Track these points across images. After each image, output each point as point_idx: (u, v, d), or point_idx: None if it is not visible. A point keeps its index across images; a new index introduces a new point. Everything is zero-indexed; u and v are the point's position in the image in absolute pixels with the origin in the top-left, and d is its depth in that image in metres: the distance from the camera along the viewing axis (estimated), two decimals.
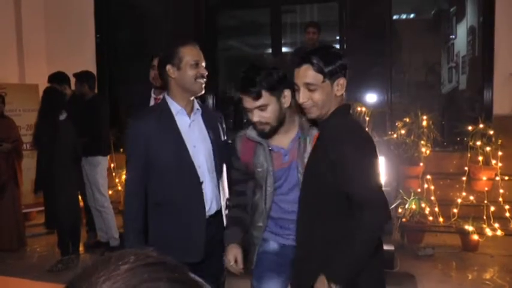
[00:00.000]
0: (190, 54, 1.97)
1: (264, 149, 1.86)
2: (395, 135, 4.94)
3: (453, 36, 7.06)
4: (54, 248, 4.36)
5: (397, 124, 5.09)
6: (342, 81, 1.69)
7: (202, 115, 2.07)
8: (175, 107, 2.00)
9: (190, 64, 1.95)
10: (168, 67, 1.95)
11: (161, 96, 3.41)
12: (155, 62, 3.38)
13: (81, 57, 5.99)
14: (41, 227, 4.97)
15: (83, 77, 4.62)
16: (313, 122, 1.84)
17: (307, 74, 1.68)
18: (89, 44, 6.25)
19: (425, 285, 3.70)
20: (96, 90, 4.99)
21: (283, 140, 1.88)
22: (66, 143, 4.06)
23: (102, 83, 6.11)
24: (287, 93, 1.83)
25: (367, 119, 5.18)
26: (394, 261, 4.01)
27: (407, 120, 4.94)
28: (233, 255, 1.90)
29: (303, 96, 1.70)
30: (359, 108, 5.18)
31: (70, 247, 4.18)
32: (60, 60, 5.71)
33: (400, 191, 4.54)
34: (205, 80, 2.02)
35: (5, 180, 4.51)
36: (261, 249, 1.96)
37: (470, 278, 3.83)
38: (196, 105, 2.07)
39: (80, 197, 4.52)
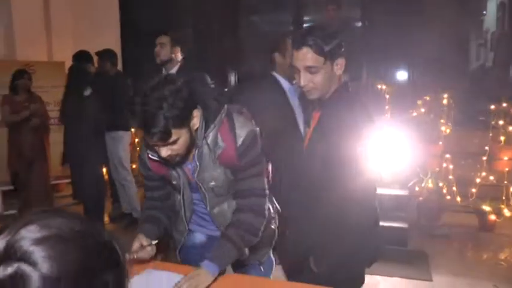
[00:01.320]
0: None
1: None
2: (414, 114, 4.89)
3: (484, 12, 6.83)
4: None
5: (418, 102, 5.03)
6: (341, 60, 1.68)
7: None
8: None
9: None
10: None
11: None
12: (163, 40, 3.59)
13: (106, 35, 6.14)
14: (69, 198, 5.22)
15: (105, 55, 4.77)
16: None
17: (307, 56, 1.65)
18: (113, 23, 6.38)
19: (438, 263, 3.72)
20: (119, 68, 5.12)
21: (190, 156, 1.75)
22: (91, 117, 4.23)
23: (126, 61, 6.26)
24: (196, 113, 1.61)
25: (387, 96, 5.14)
26: (406, 239, 4.04)
27: (428, 98, 4.87)
28: (138, 243, 1.78)
29: (303, 79, 1.68)
30: (379, 86, 5.14)
31: (94, 215, 4.39)
32: (85, 38, 5.85)
33: (418, 169, 4.52)
34: None
35: (34, 153, 4.73)
36: (188, 243, 1.95)
37: (485, 257, 3.82)
38: None
39: (104, 170, 4.72)
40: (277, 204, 2.02)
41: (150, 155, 1.71)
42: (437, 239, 4.20)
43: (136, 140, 5.74)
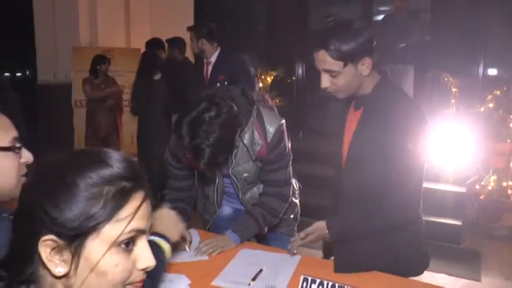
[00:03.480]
0: None
1: None
2: (482, 109, 4.65)
3: None
4: None
5: (488, 97, 4.77)
6: (367, 60, 1.51)
7: None
8: None
9: None
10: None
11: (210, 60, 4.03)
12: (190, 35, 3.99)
13: (180, 24, 6.46)
14: None
15: (173, 42, 5.09)
16: None
17: (325, 60, 1.50)
18: (188, 13, 6.70)
19: (491, 265, 3.56)
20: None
21: None
22: (160, 100, 4.54)
23: None
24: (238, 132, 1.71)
25: (454, 90, 4.94)
26: (460, 236, 3.90)
27: (498, 93, 4.60)
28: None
29: (324, 82, 1.54)
30: (445, 79, 4.95)
31: (158, 195, 4.72)
32: (161, 27, 6.21)
33: (479, 166, 4.32)
34: None
35: (108, 131, 5.18)
36: (217, 215, 2.05)
37: None
38: None
39: None
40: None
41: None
42: (494, 240, 4.01)
43: None
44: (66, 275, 0.72)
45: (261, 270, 1.60)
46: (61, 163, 0.75)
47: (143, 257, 0.76)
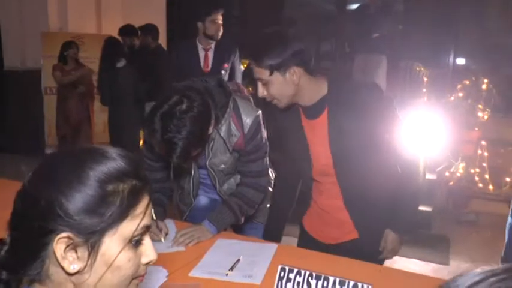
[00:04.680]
0: None
1: None
2: (452, 98, 4.76)
3: None
4: None
5: (458, 87, 4.88)
6: (294, 69, 1.56)
7: None
8: None
9: None
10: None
11: (210, 46, 3.82)
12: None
13: (153, 10, 6.35)
14: None
15: (146, 29, 5.03)
16: None
17: (255, 69, 1.59)
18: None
19: (459, 249, 3.69)
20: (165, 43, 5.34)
21: None
22: (126, 87, 4.45)
23: (171, 36, 6.46)
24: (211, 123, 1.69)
25: (426, 79, 5.03)
26: (430, 222, 4.02)
27: (467, 82, 4.72)
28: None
29: (259, 91, 1.63)
30: (417, 69, 5.04)
31: None
32: (133, 13, 6.09)
33: (449, 154, 4.44)
34: None
35: (79, 118, 5.08)
36: (193, 205, 2.05)
37: None
38: None
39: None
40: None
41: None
42: (463, 225, 4.14)
43: None
44: (78, 272, 0.72)
45: (238, 260, 1.61)
46: (68, 158, 0.76)
47: (148, 252, 0.79)
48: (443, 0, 5.13)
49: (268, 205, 2.13)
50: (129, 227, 0.74)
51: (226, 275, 1.52)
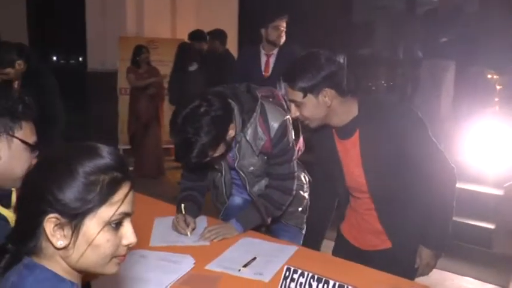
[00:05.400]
0: None
1: None
2: None
3: None
4: None
5: None
6: (327, 92, 1.61)
7: None
8: None
9: None
10: None
11: (273, 52, 3.90)
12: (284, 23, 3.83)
13: (226, 16, 6.60)
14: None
15: (214, 34, 5.23)
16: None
17: (288, 91, 1.65)
18: (233, 4, 6.81)
19: None
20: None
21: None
22: (195, 91, 4.68)
23: (242, 41, 6.66)
24: (231, 127, 1.78)
25: (498, 87, 4.73)
26: (491, 240, 3.77)
27: None
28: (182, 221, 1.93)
29: (293, 111, 1.69)
30: (489, 76, 4.76)
31: None
32: (207, 18, 6.36)
33: None
34: None
35: (149, 118, 5.41)
36: (228, 205, 2.15)
37: None
38: None
39: None
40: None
41: None
42: None
43: None
44: (65, 247, 0.86)
45: (254, 258, 1.68)
46: (64, 155, 0.90)
47: (128, 235, 0.91)
48: None
49: (300, 209, 2.17)
50: (107, 211, 0.87)
51: (239, 270, 1.59)
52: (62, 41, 8.00)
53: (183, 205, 1.97)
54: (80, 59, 7.09)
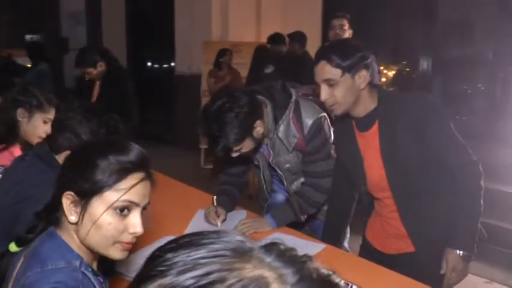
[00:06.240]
0: None
1: None
2: None
3: None
4: None
5: None
6: (363, 73, 1.60)
7: None
8: None
9: None
10: None
11: None
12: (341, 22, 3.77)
13: (310, 19, 6.57)
14: None
15: (294, 37, 5.24)
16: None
17: (324, 69, 1.61)
18: (317, 8, 6.78)
19: None
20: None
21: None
22: None
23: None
24: (259, 124, 1.78)
25: None
26: None
27: None
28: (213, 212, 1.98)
29: (324, 94, 1.63)
30: None
31: None
32: (292, 22, 6.39)
33: None
34: None
35: None
36: (270, 201, 2.17)
37: None
38: None
39: None
40: None
41: None
42: None
43: None
44: (76, 223, 0.98)
45: None
46: (93, 146, 1.05)
47: (133, 224, 0.98)
48: None
49: None
50: (112, 195, 0.96)
51: None
52: (154, 48, 8.58)
53: (215, 197, 2.03)
54: (172, 64, 7.51)
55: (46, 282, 0.91)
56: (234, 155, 1.80)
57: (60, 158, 1.48)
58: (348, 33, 3.76)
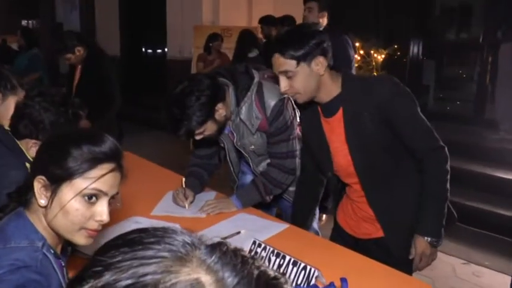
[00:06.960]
0: None
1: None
2: None
3: None
4: None
5: None
6: (320, 59, 1.55)
7: None
8: None
9: None
10: None
11: None
12: (311, 5, 3.68)
13: (301, 4, 6.47)
14: None
15: (283, 20, 5.15)
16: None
17: (279, 62, 1.57)
18: None
19: None
20: None
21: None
22: None
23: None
24: (220, 106, 1.78)
25: None
26: None
27: None
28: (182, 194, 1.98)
29: (283, 85, 1.60)
30: None
31: None
32: (284, 7, 6.31)
33: None
34: None
35: None
36: (239, 182, 2.18)
37: None
38: None
39: None
40: None
41: None
42: None
43: None
44: (45, 207, 1.00)
45: (238, 232, 1.67)
46: (69, 135, 1.07)
47: (99, 212, 1.02)
48: None
49: None
50: (81, 183, 0.98)
51: None
52: (148, 33, 8.56)
53: (183, 179, 2.03)
54: (166, 49, 7.48)
55: (6, 259, 0.95)
56: (197, 137, 1.80)
57: (22, 144, 1.48)
58: (314, 16, 3.67)
